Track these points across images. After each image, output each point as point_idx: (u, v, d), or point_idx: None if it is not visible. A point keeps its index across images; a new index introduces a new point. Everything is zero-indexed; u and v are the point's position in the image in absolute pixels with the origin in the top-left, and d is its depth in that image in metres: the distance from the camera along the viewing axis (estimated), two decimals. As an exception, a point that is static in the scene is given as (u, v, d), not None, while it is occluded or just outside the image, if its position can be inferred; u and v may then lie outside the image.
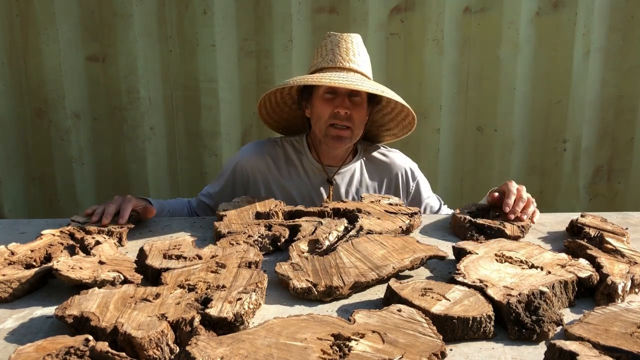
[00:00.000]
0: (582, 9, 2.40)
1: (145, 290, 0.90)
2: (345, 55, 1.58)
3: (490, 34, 2.43)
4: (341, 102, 1.56)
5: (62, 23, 2.42)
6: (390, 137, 1.82)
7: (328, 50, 1.60)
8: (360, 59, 1.60)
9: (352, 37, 1.62)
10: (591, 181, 2.61)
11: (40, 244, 1.15)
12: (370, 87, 1.50)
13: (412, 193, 1.76)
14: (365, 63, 1.63)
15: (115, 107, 2.52)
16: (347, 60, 1.57)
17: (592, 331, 0.78)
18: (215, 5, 2.41)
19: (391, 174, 1.75)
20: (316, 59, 1.64)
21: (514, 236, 1.27)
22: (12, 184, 2.60)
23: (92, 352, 0.71)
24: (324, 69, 1.58)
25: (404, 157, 1.80)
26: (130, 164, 2.58)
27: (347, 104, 1.56)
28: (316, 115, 1.62)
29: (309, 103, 1.65)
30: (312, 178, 1.71)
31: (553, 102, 2.51)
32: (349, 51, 1.58)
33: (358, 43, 1.63)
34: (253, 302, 0.88)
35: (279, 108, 1.74)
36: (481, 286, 0.92)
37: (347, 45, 1.59)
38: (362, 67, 1.60)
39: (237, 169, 1.70)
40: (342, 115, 1.56)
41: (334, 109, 1.56)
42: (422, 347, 0.73)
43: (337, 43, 1.60)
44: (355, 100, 1.58)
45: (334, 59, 1.58)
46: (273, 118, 1.77)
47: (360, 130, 1.63)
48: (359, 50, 1.61)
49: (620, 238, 1.20)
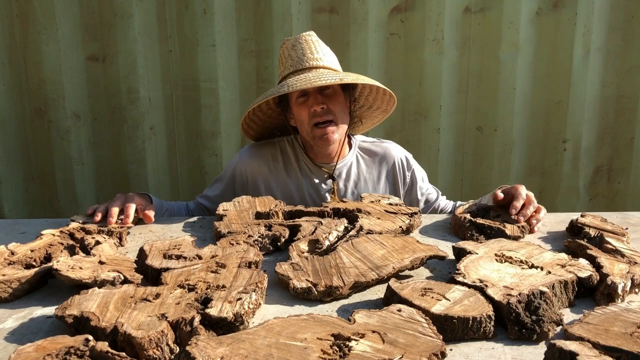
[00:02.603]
0: (582, 9, 2.40)
1: (145, 290, 0.90)
2: (302, 55, 1.59)
3: (490, 34, 2.43)
4: (313, 100, 1.57)
5: (62, 23, 2.42)
6: (380, 114, 1.81)
7: (286, 57, 1.63)
8: (319, 54, 1.61)
9: (306, 35, 1.63)
10: (591, 181, 2.61)
11: (40, 244, 1.15)
12: (329, 78, 1.50)
13: (408, 183, 1.77)
14: (326, 55, 1.63)
15: (115, 107, 2.52)
16: (304, 60, 1.59)
17: (592, 331, 0.78)
18: (215, 5, 2.41)
19: (387, 164, 1.75)
20: (279, 68, 1.67)
21: (514, 236, 1.27)
22: (12, 184, 2.60)
23: (92, 352, 0.71)
24: (287, 75, 1.60)
25: (398, 147, 1.80)
26: (130, 164, 2.58)
27: (319, 99, 1.57)
28: (299, 122, 1.64)
29: (289, 113, 1.67)
30: (311, 177, 1.71)
31: (553, 102, 2.51)
32: (305, 51, 1.60)
33: (314, 40, 1.63)
34: (253, 302, 0.88)
35: (262, 122, 1.75)
36: (481, 286, 0.92)
37: (301, 46, 1.60)
38: (323, 61, 1.60)
39: (236, 172, 1.71)
40: (319, 111, 1.57)
41: (310, 108, 1.57)
42: (422, 347, 0.73)
43: (292, 47, 1.62)
44: (327, 93, 1.59)
45: (294, 64, 1.59)
46: (253, 128, 1.77)
47: (344, 119, 1.64)
48: (315, 47, 1.62)
49: (620, 238, 1.20)
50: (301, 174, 1.71)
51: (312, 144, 1.65)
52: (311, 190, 1.70)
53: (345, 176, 1.72)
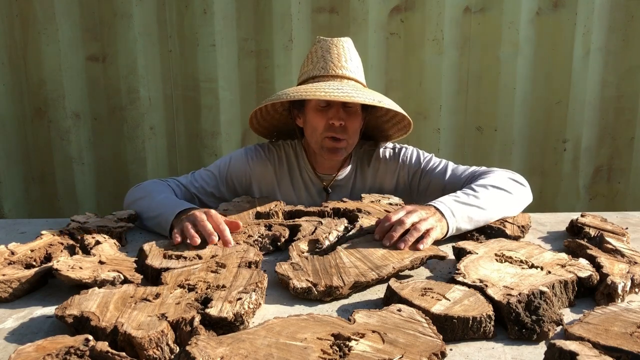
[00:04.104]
0: (582, 9, 2.40)
1: (145, 290, 0.90)
2: (337, 62, 1.52)
3: (490, 34, 2.43)
4: (335, 113, 1.51)
5: (62, 23, 2.42)
6: (384, 140, 1.77)
7: (319, 57, 1.54)
8: (352, 64, 1.55)
9: (343, 41, 1.56)
10: (591, 181, 2.61)
11: (40, 244, 1.15)
12: (366, 98, 1.44)
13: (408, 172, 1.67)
14: (358, 69, 1.58)
15: (115, 107, 2.52)
16: (339, 67, 1.52)
17: (592, 331, 0.78)
18: (215, 5, 2.41)
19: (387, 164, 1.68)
20: (307, 66, 1.58)
21: (514, 236, 1.27)
22: (12, 184, 2.60)
23: (92, 352, 0.71)
24: (316, 77, 1.53)
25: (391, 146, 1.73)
26: (130, 164, 2.58)
27: (341, 115, 1.51)
28: (310, 127, 1.57)
29: (301, 113, 1.61)
30: (310, 186, 1.68)
31: (553, 102, 2.51)
32: (340, 57, 1.53)
33: (349, 48, 1.57)
34: (253, 302, 0.88)
35: (269, 116, 1.69)
36: (481, 286, 0.92)
37: (338, 50, 1.54)
38: (355, 74, 1.55)
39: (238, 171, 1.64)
40: (336, 127, 1.51)
41: (328, 120, 1.52)
42: (422, 347, 0.73)
43: (327, 49, 1.54)
44: (349, 110, 1.54)
45: (326, 67, 1.52)
46: (263, 126, 1.72)
47: (355, 140, 1.60)
48: (350, 56, 1.56)
49: (620, 238, 1.20)
50: (300, 181, 1.68)
51: (318, 152, 1.60)
52: (309, 199, 1.68)
53: (343, 190, 1.69)
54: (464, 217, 1.28)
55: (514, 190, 1.42)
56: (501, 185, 1.40)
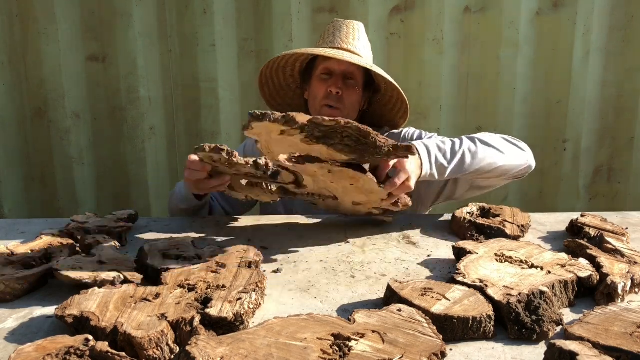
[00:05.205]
0: (582, 9, 2.40)
1: (145, 290, 0.90)
2: (345, 38, 1.61)
3: (490, 34, 2.43)
4: (335, 81, 1.59)
5: (62, 23, 2.42)
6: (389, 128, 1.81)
7: (329, 33, 1.64)
8: (360, 43, 1.63)
9: (355, 23, 1.66)
10: (591, 181, 2.61)
11: (40, 244, 1.15)
12: (359, 61, 1.51)
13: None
14: (365, 49, 1.65)
15: (115, 107, 2.52)
16: (346, 42, 1.61)
17: (592, 331, 0.78)
18: (215, 5, 2.41)
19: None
20: (318, 42, 1.69)
21: (514, 236, 1.27)
22: (12, 184, 2.59)
23: (92, 352, 0.71)
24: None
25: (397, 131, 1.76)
26: (130, 164, 2.58)
27: (340, 84, 1.59)
28: (312, 96, 1.65)
29: (308, 84, 1.69)
30: None
31: (553, 102, 2.51)
32: (349, 35, 1.62)
33: (359, 29, 1.66)
34: (253, 302, 0.89)
35: (282, 91, 1.76)
36: (481, 286, 0.92)
37: (348, 30, 1.63)
38: (361, 52, 1.63)
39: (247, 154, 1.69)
40: (333, 94, 1.58)
41: (328, 88, 1.59)
42: (422, 347, 0.73)
43: (339, 28, 1.64)
44: (349, 82, 1.61)
45: (334, 41, 1.61)
46: (277, 101, 1.79)
47: (351, 113, 1.63)
48: (359, 36, 1.64)
49: (620, 238, 1.20)
50: None
51: None
52: None
53: None
54: (438, 151, 1.38)
55: (503, 144, 1.49)
56: (489, 140, 1.47)
